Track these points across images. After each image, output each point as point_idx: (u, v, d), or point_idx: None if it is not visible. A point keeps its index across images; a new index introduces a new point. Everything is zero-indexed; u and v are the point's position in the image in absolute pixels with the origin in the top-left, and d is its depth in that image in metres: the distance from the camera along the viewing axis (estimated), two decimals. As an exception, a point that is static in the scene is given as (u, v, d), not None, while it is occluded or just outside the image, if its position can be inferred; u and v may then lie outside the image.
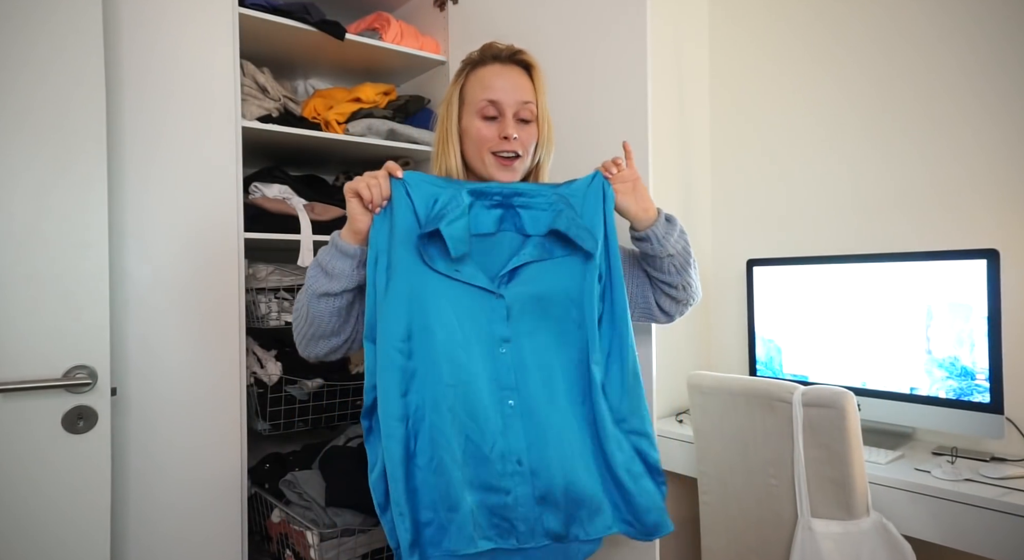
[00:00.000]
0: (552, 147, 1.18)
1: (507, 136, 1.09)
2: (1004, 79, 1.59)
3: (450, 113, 1.15)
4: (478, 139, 1.11)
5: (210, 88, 1.49)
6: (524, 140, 1.12)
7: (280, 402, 1.71)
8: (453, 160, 1.14)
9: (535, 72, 1.14)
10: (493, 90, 1.10)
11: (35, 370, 1.21)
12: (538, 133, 1.14)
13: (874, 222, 1.82)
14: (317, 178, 2.07)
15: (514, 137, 1.09)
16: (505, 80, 1.11)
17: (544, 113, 1.14)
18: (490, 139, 1.10)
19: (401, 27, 1.90)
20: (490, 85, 1.11)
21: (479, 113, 1.11)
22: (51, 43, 1.23)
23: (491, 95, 1.10)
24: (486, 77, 1.12)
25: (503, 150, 1.10)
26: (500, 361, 1.02)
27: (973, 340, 1.48)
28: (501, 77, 1.11)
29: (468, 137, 1.12)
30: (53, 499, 1.23)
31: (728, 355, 2.17)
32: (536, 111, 1.13)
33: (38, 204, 1.22)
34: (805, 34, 1.98)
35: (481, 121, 1.11)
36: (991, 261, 1.45)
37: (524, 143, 1.12)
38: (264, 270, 1.72)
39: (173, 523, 1.43)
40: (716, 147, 2.23)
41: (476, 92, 1.12)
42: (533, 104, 1.12)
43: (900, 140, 1.77)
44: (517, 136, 1.10)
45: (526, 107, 1.11)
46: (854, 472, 1.33)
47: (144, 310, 1.40)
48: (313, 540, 1.49)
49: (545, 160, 1.17)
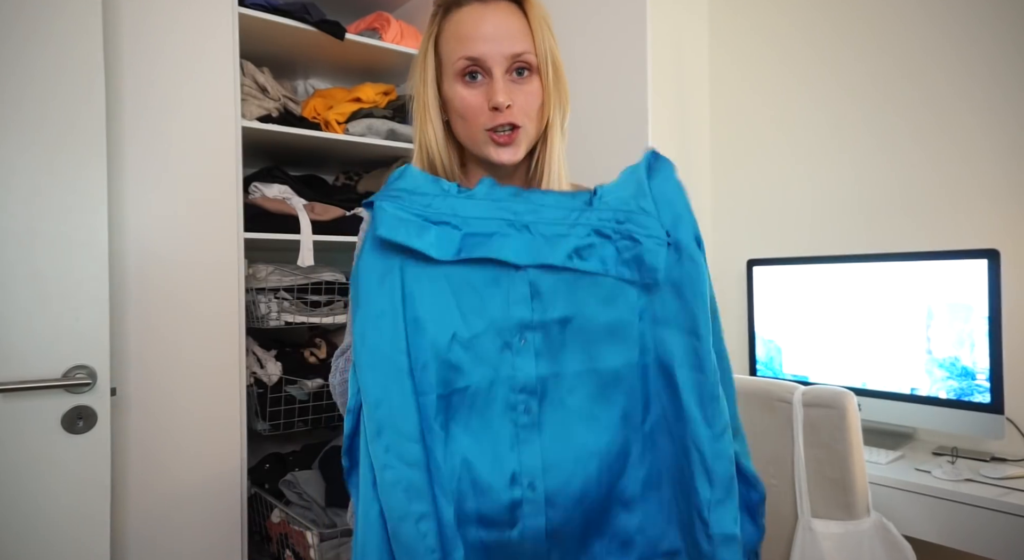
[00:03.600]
0: (567, 104, 0.90)
1: (497, 106, 0.82)
2: (1004, 79, 1.59)
3: (425, 77, 0.87)
4: (464, 111, 0.84)
5: (210, 88, 1.49)
6: (523, 103, 0.84)
7: (280, 402, 1.71)
8: (433, 139, 0.88)
9: (529, 6, 0.86)
10: (472, 42, 0.82)
11: (35, 370, 1.21)
12: (543, 87, 0.86)
13: (874, 222, 1.82)
14: (317, 178, 2.07)
15: (506, 105, 0.82)
16: (488, 25, 0.83)
17: (550, 58, 0.86)
18: (480, 112, 0.83)
19: (401, 27, 1.90)
20: (468, 35, 0.83)
21: (458, 75, 0.83)
22: (51, 43, 1.23)
23: (469, 50, 0.82)
24: (463, 24, 0.84)
25: (497, 125, 0.83)
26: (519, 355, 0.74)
27: (973, 340, 1.48)
28: (483, 21, 0.83)
29: (453, 108, 0.86)
30: (53, 499, 1.23)
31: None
32: (536, 59, 0.85)
33: (38, 204, 1.22)
34: (805, 32, 1.98)
35: (463, 86, 0.84)
36: (991, 261, 1.45)
37: (524, 107, 0.84)
38: (264, 270, 1.72)
39: (173, 523, 1.43)
40: (716, 147, 2.23)
41: (451, 46, 0.84)
42: (531, 52, 0.84)
43: (900, 140, 1.77)
44: (511, 103, 0.82)
45: (521, 58, 0.83)
46: (854, 472, 1.33)
47: (144, 310, 1.40)
48: (313, 540, 1.49)
49: (556, 123, 0.88)
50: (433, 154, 0.89)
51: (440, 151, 0.89)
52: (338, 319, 1.80)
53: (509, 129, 0.84)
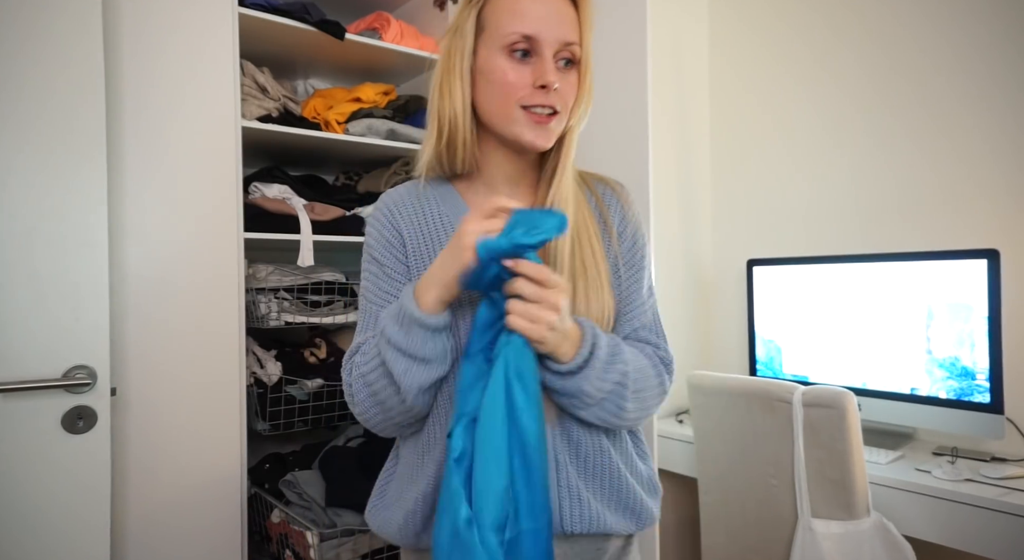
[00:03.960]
0: (589, 110, 0.91)
1: (546, 84, 0.83)
2: (1004, 79, 1.59)
3: (461, 43, 0.86)
4: (503, 85, 0.84)
5: (210, 88, 1.49)
6: (564, 92, 0.86)
7: (280, 402, 1.71)
8: (461, 111, 0.86)
9: (583, 2, 0.87)
10: (529, 19, 0.83)
11: (35, 370, 1.21)
12: (579, 86, 0.88)
13: (874, 222, 1.82)
14: (317, 178, 2.07)
15: (555, 87, 0.83)
16: (547, 7, 0.84)
17: (590, 61, 0.88)
18: (521, 87, 0.84)
19: (401, 27, 1.89)
20: (525, 12, 0.84)
21: (507, 49, 0.84)
22: (51, 43, 1.23)
23: (526, 27, 0.83)
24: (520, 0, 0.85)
25: (538, 104, 0.84)
26: None
27: (973, 340, 1.48)
28: (540, 3, 0.84)
29: (488, 80, 0.85)
30: (53, 499, 1.23)
31: (728, 355, 2.17)
32: (580, 54, 0.86)
33: (38, 204, 1.22)
34: (805, 33, 1.98)
35: (508, 60, 0.84)
36: (991, 261, 1.45)
37: (564, 97, 0.86)
38: (264, 270, 1.72)
39: (173, 523, 1.43)
40: (716, 147, 2.23)
41: (504, 19, 0.84)
42: (578, 45, 0.86)
43: (900, 140, 1.78)
44: (559, 86, 0.84)
45: (569, 48, 0.85)
46: (854, 472, 1.33)
47: (144, 310, 1.40)
48: (313, 540, 1.49)
49: (576, 127, 0.90)
50: (455, 127, 0.87)
51: (464, 125, 0.87)
52: (338, 319, 1.80)
53: (551, 112, 0.85)
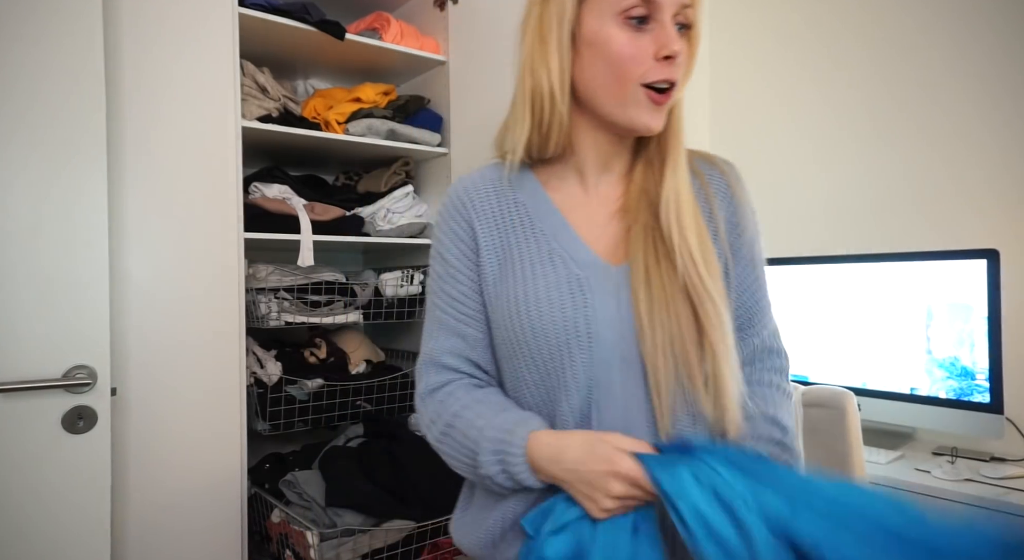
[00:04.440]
0: None
1: (671, 54, 0.70)
2: (1004, 79, 1.59)
3: (559, 9, 0.73)
4: (620, 59, 0.71)
5: (210, 88, 1.49)
6: (683, 62, 0.73)
7: (280, 402, 1.71)
8: (558, 82, 0.73)
9: None
10: None
11: (35, 370, 1.21)
12: (691, 55, 0.75)
13: (874, 222, 1.82)
14: (317, 178, 2.07)
15: (677, 52, 0.71)
16: None
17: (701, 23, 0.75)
18: (642, 61, 0.71)
19: (401, 27, 1.89)
20: None
21: (622, 15, 0.70)
22: (51, 42, 1.23)
23: None
24: None
25: (661, 80, 0.71)
26: None
27: (973, 340, 1.48)
28: None
29: (598, 54, 0.72)
30: (53, 499, 1.23)
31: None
32: (695, 17, 0.73)
33: (38, 204, 1.22)
34: (808, 28, 1.98)
35: (623, 29, 0.71)
36: (991, 261, 1.45)
37: (680, 68, 0.73)
38: (264, 270, 1.72)
39: (173, 523, 1.43)
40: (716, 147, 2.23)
41: None
42: (694, 7, 0.73)
43: (900, 140, 1.77)
44: (679, 51, 0.71)
45: (685, 11, 0.72)
46: (854, 472, 1.33)
47: (144, 310, 1.40)
48: (313, 540, 1.49)
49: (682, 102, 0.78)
50: (546, 110, 0.75)
51: (560, 107, 0.74)
52: (338, 319, 1.80)
53: (669, 87, 0.72)
